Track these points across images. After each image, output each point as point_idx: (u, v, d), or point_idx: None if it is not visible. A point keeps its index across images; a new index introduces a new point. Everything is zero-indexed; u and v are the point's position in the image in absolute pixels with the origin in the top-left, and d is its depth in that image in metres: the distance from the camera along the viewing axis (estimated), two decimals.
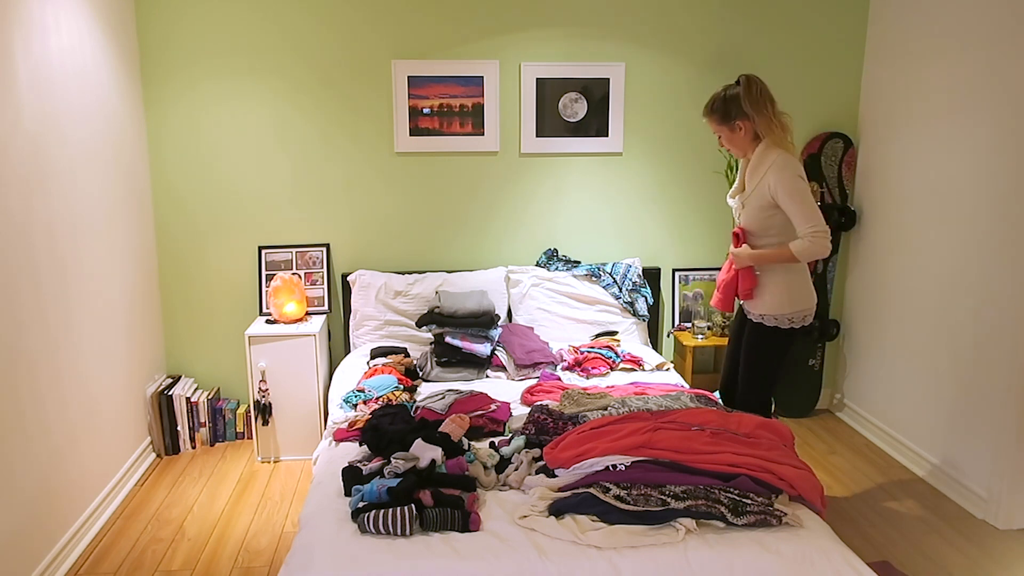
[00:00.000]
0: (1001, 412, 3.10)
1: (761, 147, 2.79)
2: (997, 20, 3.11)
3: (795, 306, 2.81)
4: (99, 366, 3.21)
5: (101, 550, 2.96)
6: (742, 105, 2.75)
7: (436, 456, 2.34)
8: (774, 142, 2.75)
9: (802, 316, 2.83)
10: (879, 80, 3.91)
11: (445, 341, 3.47)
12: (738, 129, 2.80)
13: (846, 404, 4.25)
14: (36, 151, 2.75)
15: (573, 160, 4.02)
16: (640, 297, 3.96)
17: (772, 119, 2.74)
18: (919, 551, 2.95)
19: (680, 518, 2.10)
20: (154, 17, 3.69)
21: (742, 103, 2.75)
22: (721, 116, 2.82)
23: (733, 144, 2.86)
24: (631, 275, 3.98)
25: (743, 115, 2.76)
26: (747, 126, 2.78)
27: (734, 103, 2.77)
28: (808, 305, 2.84)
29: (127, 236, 3.55)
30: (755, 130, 2.78)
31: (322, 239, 3.99)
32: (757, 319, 2.88)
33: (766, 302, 2.84)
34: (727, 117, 2.80)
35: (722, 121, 2.82)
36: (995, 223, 3.12)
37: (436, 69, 3.85)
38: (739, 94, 2.76)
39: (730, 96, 2.79)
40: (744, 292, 2.88)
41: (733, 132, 2.82)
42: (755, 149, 2.81)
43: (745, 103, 2.74)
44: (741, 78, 2.79)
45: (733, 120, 2.79)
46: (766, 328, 2.85)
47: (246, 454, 3.80)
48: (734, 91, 2.78)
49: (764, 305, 2.85)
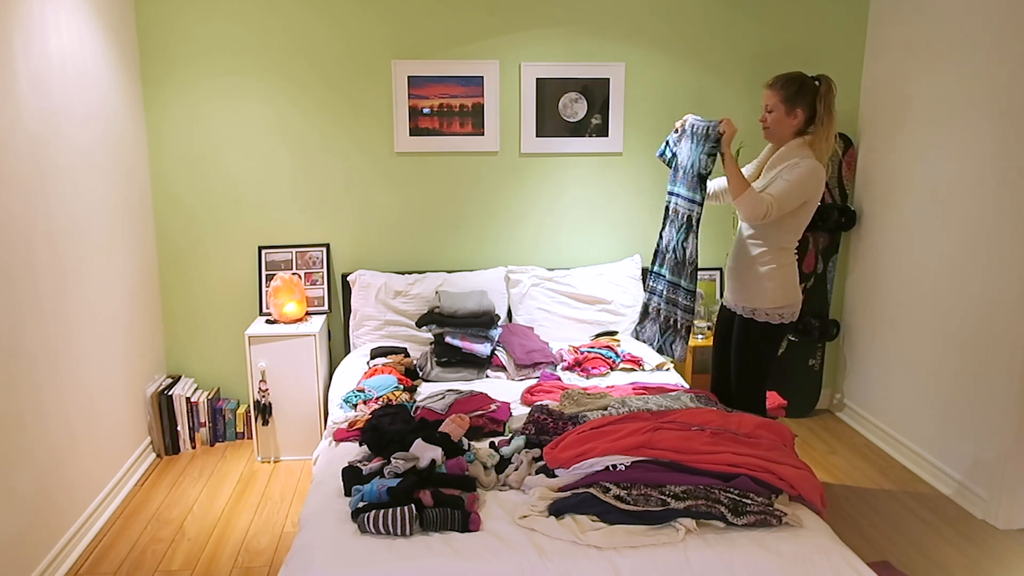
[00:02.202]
0: (1001, 412, 3.10)
1: (797, 143, 2.78)
2: (997, 20, 3.11)
3: (786, 300, 2.87)
4: (99, 366, 3.21)
5: (101, 550, 2.96)
6: (814, 96, 2.74)
7: (436, 456, 2.34)
8: (814, 145, 2.76)
9: (791, 312, 2.89)
10: (879, 80, 3.91)
11: (445, 341, 3.47)
12: (795, 115, 2.77)
13: (846, 404, 4.25)
14: (36, 151, 2.75)
15: (573, 160, 4.02)
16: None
17: (824, 125, 2.74)
18: (919, 551, 2.95)
19: (680, 518, 2.10)
20: (154, 17, 3.69)
21: (816, 96, 2.74)
22: (790, 94, 2.76)
23: (778, 124, 2.81)
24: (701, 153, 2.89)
25: (808, 105, 2.75)
26: (804, 117, 2.77)
27: (809, 91, 2.75)
28: (796, 299, 2.91)
29: (127, 236, 3.55)
30: (804, 124, 2.78)
31: (322, 239, 3.99)
32: (748, 314, 2.92)
33: (759, 295, 2.88)
34: (795, 98, 2.75)
35: (785, 98, 2.76)
36: (995, 223, 3.12)
37: (436, 69, 3.85)
38: (817, 85, 2.75)
39: (808, 83, 2.76)
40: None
41: (788, 114, 2.78)
42: (789, 143, 2.80)
43: (819, 96, 2.74)
44: (822, 78, 2.78)
45: (796, 101, 2.75)
46: (757, 323, 2.90)
47: (246, 454, 3.80)
48: (813, 83, 2.76)
49: (756, 298, 2.89)
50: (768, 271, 2.86)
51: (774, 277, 2.85)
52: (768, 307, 2.87)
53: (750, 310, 2.91)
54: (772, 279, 2.86)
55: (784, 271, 2.87)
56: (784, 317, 2.89)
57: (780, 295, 2.86)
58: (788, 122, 2.79)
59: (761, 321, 2.89)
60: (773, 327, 2.89)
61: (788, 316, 2.89)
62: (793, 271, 2.89)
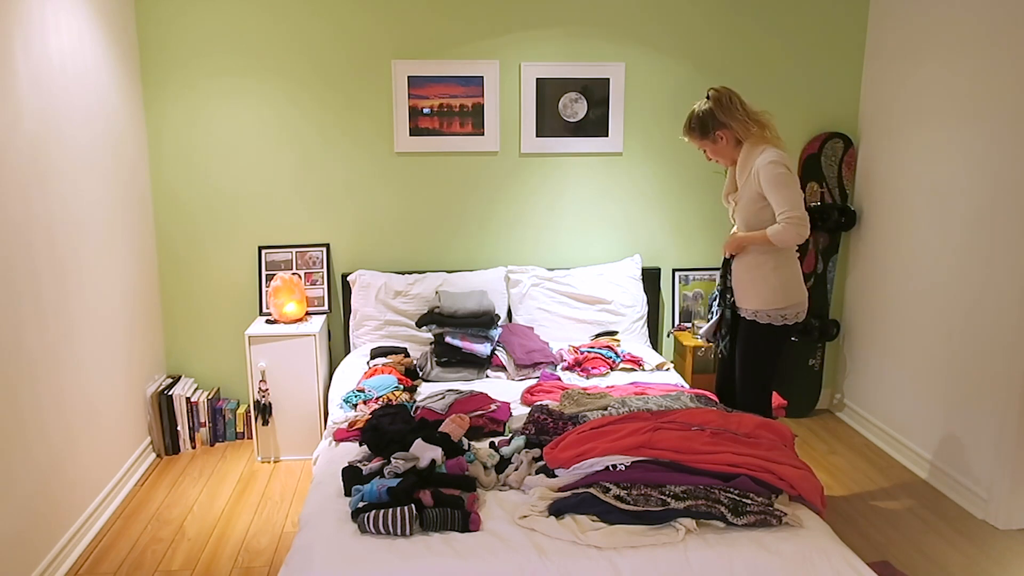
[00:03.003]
0: (1001, 412, 3.10)
1: (745, 147, 2.88)
2: (997, 20, 3.11)
3: (787, 300, 2.86)
4: (99, 366, 3.21)
5: (101, 550, 2.96)
6: (716, 116, 2.86)
7: (436, 456, 2.34)
8: (756, 141, 2.84)
9: (795, 312, 2.87)
10: (879, 80, 3.91)
11: (445, 341, 3.47)
12: (719, 139, 2.90)
13: (846, 404, 4.25)
14: (36, 151, 2.75)
15: (573, 160, 4.02)
16: None
17: (747, 121, 2.85)
18: (919, 551, 2.95)
19: (680, 518, 2.10)
20: (154, 17, 3.69)
21: (716, 114, 2.86)
22: (700, 131, 2.92)
23: (719, 154, 2.96)
24: None
25: (720, 125, 2.87)
26: (727, 135, 2.88)
27: (709, 116, 2.88)
28: (799, 299, 2.89)
29: (127, 235, 3.55)
30: (735, 136, 2.88)
31: (322, 239, 3.99)
32: (751, 317, 2.91)
33: (757, 297, 2.88)
34: (706, 131, 2.92)
35: (703, 136, 2.93)
36: (995, 223, 3.12)
37: (436, 69, 3.85)
38: (711, 107, 2.87)
39: (703, 111, 2.89)
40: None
41: (716, 143, 2.92)
42: (741, 153, 2.90)
43: (719, 113, 2.86)
44: (710, 91, 2.90)
45: (712, 132, 2.90)
46: (759, 326, 2.89)
47: (246, 454, 3.80)
48: (706, 106, 2.89)
49: (755, 300, 2.89)
50: (767, 272, 2.86)
51: (773, 278, 2.85)
52: (770, 308, 2.86)
53: (752, 312, 2.91)
54: (771, 280, 2.85)
55: (783, 272, 2.86)
56: (788, 318, 2.87)
57: (781, 296, 2.85)
58: (721, 147, 2.92)
59: (763, 323, 2.88)
60: (776, 329, 2.88)
61: (792, 317, 2.87)
62: (793, 271, 2.89)
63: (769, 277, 2.86)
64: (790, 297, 2.86)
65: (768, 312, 2.87)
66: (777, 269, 2.85)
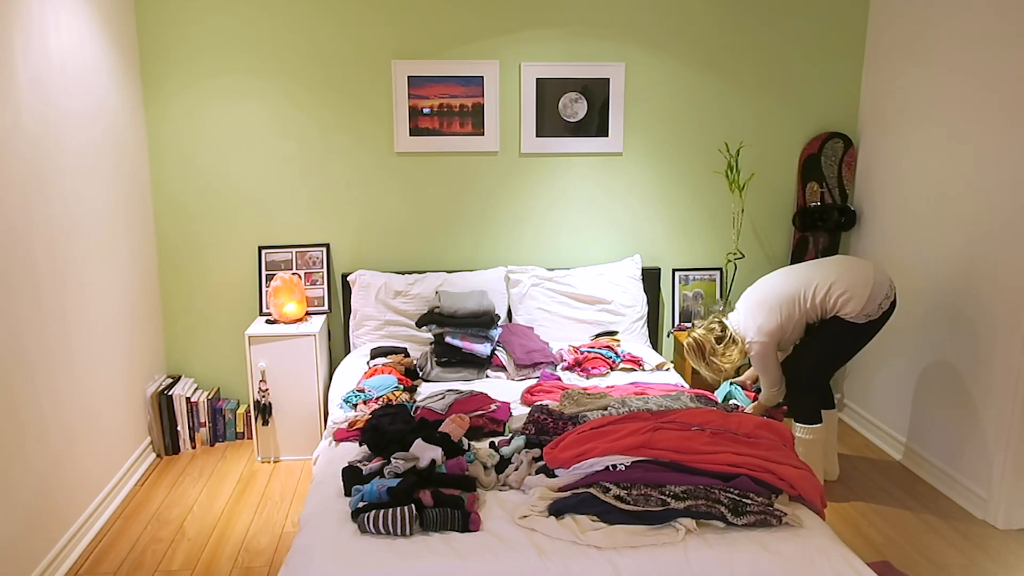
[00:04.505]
0: (1001, 412, 3.10)
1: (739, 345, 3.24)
2: (997, 20, 3.11)
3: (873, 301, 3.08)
4: (99, 366, 3.22)
5: (101, 550, 2.96)
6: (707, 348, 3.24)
7: (436, 456, 2.34)
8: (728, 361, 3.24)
9: (877, 306, 3.06)
10: (879, 80, 3.91)
11: (445, 341, 3.47)
12: (724, 351, 3.24)
13: (846, 404, 4.25)
14: (36, 151, 2.75)
15: (573, 160, 4.03)
16: None
17: (709, 365, 3.26)
18: (919, 551, 2.95)
19: (680, 518, 2.10)
20: (154, 17, 3.69)
21: (704, 346, 3.24)
22: (702, 356, 3.28)
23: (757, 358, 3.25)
24: None
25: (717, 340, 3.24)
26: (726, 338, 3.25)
27: (698, 346, 3.25)
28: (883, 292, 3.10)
29: (127, 236, 3.55)
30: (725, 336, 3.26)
31: (322, 239, 3.99)
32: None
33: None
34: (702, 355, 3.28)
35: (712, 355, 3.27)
36: (994, 223, 3.13)
37: (436, 69, 3.85)
38: (696, 340, 3.25)
39: (691, 345, 3.27)
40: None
41: (729, 345, 3.23)
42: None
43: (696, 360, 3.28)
44: (687, 345, 3.30)
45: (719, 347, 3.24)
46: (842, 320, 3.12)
47: (246, 454, 3.80)
48: (690, 342, 3.28)
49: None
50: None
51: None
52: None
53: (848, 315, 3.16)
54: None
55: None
56: (871, 315, 3.06)
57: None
58: (734, 348, 3.21)
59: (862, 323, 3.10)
60: (862, 324, 3.09)
61: (875, 312, 3.07)
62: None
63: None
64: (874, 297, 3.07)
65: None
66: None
